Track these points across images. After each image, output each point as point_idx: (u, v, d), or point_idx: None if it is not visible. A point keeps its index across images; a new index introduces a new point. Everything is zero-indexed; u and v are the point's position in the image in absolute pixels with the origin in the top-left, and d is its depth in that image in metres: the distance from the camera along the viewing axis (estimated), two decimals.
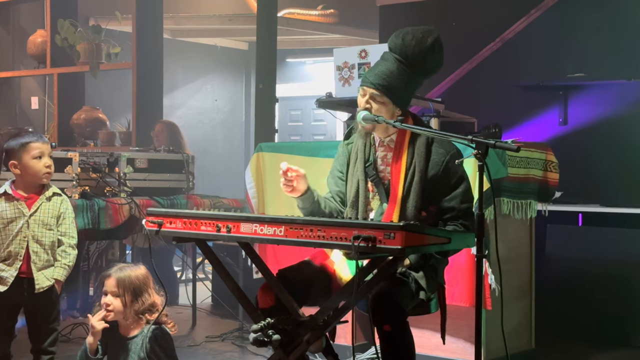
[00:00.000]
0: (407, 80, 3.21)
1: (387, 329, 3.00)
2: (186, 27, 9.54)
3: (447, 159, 3.18)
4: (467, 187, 3.22)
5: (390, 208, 3.20)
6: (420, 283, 3.15)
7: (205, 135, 10.14)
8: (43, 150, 3.92)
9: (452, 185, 3.18)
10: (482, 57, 6.27)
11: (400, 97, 3.23)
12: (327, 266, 3.27)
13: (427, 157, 3.20)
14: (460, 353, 4.25)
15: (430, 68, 3.25)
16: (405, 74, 3.19)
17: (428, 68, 3.24)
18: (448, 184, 3.18)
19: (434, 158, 3.20)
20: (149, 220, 3.14)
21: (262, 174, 4.85)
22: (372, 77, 3.21)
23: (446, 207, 3.18)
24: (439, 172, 3.18)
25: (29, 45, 7.50)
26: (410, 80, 3.23)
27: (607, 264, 5.32)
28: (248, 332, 3.63)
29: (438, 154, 3.20)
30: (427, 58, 3.20)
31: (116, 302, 3.69)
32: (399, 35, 3.23)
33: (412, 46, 3.17)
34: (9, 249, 3.88)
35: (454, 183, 3.18)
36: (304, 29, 9.08)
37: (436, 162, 3.19)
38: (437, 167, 3.19)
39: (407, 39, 3.19)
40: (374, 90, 3.20)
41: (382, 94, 3.19)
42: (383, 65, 3.22)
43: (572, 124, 5.98)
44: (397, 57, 3.21)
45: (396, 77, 3.18)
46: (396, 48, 3.22)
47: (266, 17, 6.50)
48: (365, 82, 3.23)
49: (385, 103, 3.20)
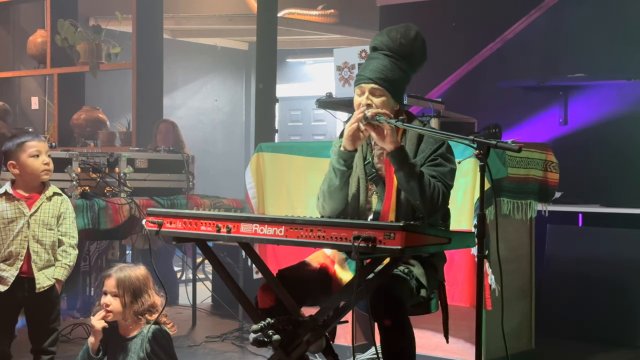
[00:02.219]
0: (400, 73, 3.24)
1: (387, 323, 3.00)
2: (186, 27, 9.54)
3: (436, 146, 3.21)
4: (450, 169, 3.22)
5: (386, 205, 3.21)
6: (421, 281, 3.15)
7: (205, 135, 10.14)
8: (40, 149, 3.92)
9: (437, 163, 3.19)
10: (482, 57, 6.27)
11: (397, 90, 3.25)
12: (327, 266, 3.27)
13: (417, 147, 3.23)
14: (460, 353, 4.25)
15: (418, 60, 3.30)
16: (396, 67, 3.23)
17: (416, 59, 3.29)
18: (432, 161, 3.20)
19: (422, 146, 3.23)
20: (149, 220, 3.14)
21: (262, 174, 4.85)
22: (368, 73, 3.22)
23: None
24: (426, 157, 3.20)
25: (29, 45, 7.50)
26: (403, 73, 3.26)
27: (607, 264, 5.32)
28: (248, 332, 3.63)
29: (427, 142, 3.23)
30: (415, 48, 3.25)
31: (115, 303, 3.69)
32: (382, 33, 3.29)
33: (398, 39, 3.23)
34: (10, 249, 3.88)
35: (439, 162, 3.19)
36: (304, 29, 9.08)
37: (423, 149, 3.22)
38: (423, 153, 3.22)
39: (391, 34, 3.25)
40: (373, 84, 3.20)
41: (382, 87, 3.20)
42: (375, 62, 3.25)
43: (572, 124, 5.98)
44: (386, 53, 3.24)
45: (390, 70, 3.21)
46: (382, 45, 3.26)
47: (266, 17, 6.50)
48: (361, 80, 3.24)
49: (385, 98, 3.22)
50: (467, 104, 6.07)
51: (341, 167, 3.21)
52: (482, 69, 6.28)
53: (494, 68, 6.25)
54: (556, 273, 5.48)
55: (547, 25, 6.12)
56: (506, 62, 6.25)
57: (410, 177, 3.08)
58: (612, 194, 5.65)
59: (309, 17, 9.13)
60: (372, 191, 3.30)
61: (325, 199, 3.27)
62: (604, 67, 5.83)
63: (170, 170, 5.50)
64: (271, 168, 4.81)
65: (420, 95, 4.56)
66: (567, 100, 6.00)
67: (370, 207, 3.29)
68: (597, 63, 5.87)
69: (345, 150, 3.20)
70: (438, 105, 4.53)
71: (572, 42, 6.02)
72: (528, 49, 6.21)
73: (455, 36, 6.44)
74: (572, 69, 5.91)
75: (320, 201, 3.31)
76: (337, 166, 3.22)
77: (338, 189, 3.23)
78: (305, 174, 4.66)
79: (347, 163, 3.22)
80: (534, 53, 6.21)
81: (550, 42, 6.14)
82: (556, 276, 5.47)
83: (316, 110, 9.09)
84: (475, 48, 6.30)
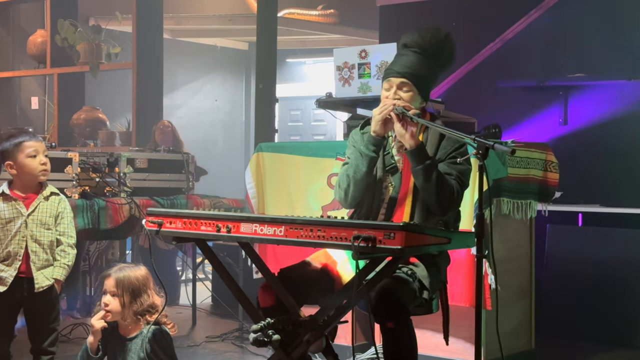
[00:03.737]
0: (429, 70, 3.29)
1: (390, 326, 3.01)
2: (186, 27, 9.55)
3: (458, 145, 3.27)
4: (467, 169, 3.27)
5: (402, 197, 3.25)
6: (424, 283, 3.15)
7: (205, 135, 10.14)
8: (37, 149, 3.92)
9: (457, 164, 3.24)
10: (482, 57, 6.27)
11: (424, 86, 3.30)
12: (330, 267, 3.27)
13: (437, 147, 3.28)
14: (460, 353, 4.25)
15: (446, 59, 3.34)
16: (425, 64, 3.27)
17: (445, 59, 3.33)
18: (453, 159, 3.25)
19: (444, 143, 3.28)
20: (149, 220, 3.13)
21: (262, 174, 4.85)
22: (398, 67, 3.27)
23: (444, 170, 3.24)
24: (447, 153, 3.26)
25: (29, 45, 7.50)
26: (431, 70, 3.31)
27: (607, 264, 5.32)
28: (248, 332, 3.63)
29: (449, 140, 3.28)
30: (444, 47, 3.30)
31: (114, 302, 3.69)
32: (413, 31, 3.33)
33: (429, 37, 3.28)
34: (8, 249, 3.87)
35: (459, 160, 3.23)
36: (304, 29, 9.09)
37: (444, 145, 3.28)
38: (444, 149, 3.27)
39: (422, 32, 3.30)
40: (402, 78, 3.25)
41: (410, 81, 3.25)
42: (404, 58, 3.29)
43: (572, 124, 5.98)
44: (415, 50, 3.28)
45: (419, 66, 3.26)
46: (413, 42, 3.30)
47: (266, 17, 6.50)
48: (390, 73, 3.29)
49: (412, 93, 3.26)
50: (467, 104, 6.07)
51: (370, 152, 3.24)
52: (482, 69, 6.28)
53: (494, 68, 6.25)
54: (556, 273, 5.48)
55: (547, 25, 6.12)
56: (506, 62, 6.25)
57: (427, 175, 3.12)
58: (612, 193, 5.65)
59: (308, 17, 9.12)
60: (388, 182, 3.32)
61: (350, 185, 3.28)
62: (604, 67, 5.83)
63: (170, 170, 5.50)
64: (271, 168, 4.81)
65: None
66: (567, 100, 6.00)
67: (384, 199, 3.31)
68: (597, 63, 5.87)
69: (376, 136, 3.24)
70: (438, 105, 4.52)
71: (572, 42, 6.02)
72: (528, 49, 6.21)
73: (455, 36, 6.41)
74: (572, 69, 5.91)
75: (343, 187, 3.30)
76: (366, 152, 3.24)
77: (365, 176, 3.25)
78: (305, 174, 4.66)
79: (377, 149, 3.25)
80: (534, 53, 6.21)
81: (550, 42, 6.14)
82: (556, 276, 5.47)
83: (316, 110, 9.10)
84: (475, 48, 6.30)
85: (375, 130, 3.24)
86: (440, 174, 3.15)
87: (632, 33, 5.78)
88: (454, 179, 3.20)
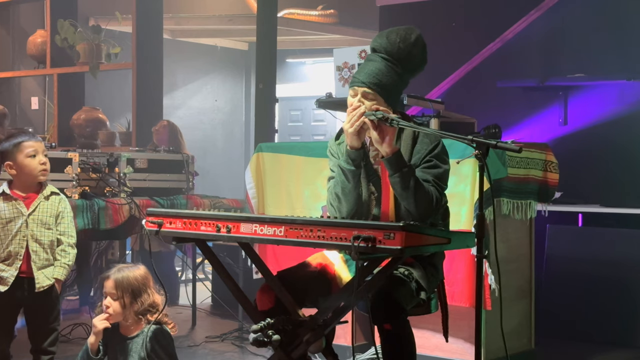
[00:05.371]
0: (396, 77, 3.21)
1: (387, 327, 3.00)
2: (186, 27, 9.55)
3: (431, 147, 3.19)
4: (444, 170, 3.20)
5: (385, 205, 3.20)
6: (421, 283, 3.14)
7: (205, 135, 10.14)
8: (37, 149, 3.92)
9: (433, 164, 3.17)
10: (482, 57, 6.27)
11: (391, 94, 3.22)
12: (327, 268, 3.26)
13: (412, 149, 3.20)
14: (460, 353, 4.25)
15: (416, 64, 3.25)
16: (393, 71, 3.19)
17: (414, 64, 3.24)
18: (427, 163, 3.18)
19: (417, 147, 3.20)
20: (149, 220, 3.13)
21: (262, 174, 4.85)
22: (362, 76, 3.20)
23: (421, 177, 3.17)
24: (421, 158, 3.18)
25: (29, 46, 7.50)
26: (399, 77, 3.22)
27: (607, 264, 5.32)
28: (248, 332, 3.63)
29: (422, 143, 3.20)
30: (413, 53, 3.21)
31: (115, 305, 3.69)
32: (382, 35, 3.25)
33: (397, 43, 3.19)
34: (9, 249, 3.88)
35: (434, 164, 3.17)
36: (304, 29, 9.08)
37: (418, 150, 3.20)
38: (418, 154, 3.19)
39: (391, 37, 3.21)
40: (366, 88, 3.18)
41: (374, 91, 3.17)
42: (371, 65, 3.22)
43: (572, 124, 5.98)
44: (383, 56, 3.21)
45: (385, 74, 3.18)
46: (381, 47, 3.22)
47: (266, 17, 6.50)
48: (355, 82, 3.22)
49: (377, 101, 3.19)
50: (467, 104, 6.07)
51: (350, 167, 3.16)
52: (482, 69, 6.28)
53: (494, 68, 6.25)
54: (556, 273, 5.48)
55: (547, 25, 6.12)
56: (506, 62, 6.25)
57: (404, 183, 3.06)
58: (612, 194, 5.65)
59: (308, 17, 9.12)
60: (370, 191, 3.28)
61: (340, 201, 3.21)
62: (604, 67, 5.83)
63: (170, 170, 5.50)
64: (271, 168, 4.81)
65: (420, 95, 4.55)
66: (567, 100, 6.00)
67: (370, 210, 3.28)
68: (597, 63, 5.87)
69: (352, 149, 3.16)
70: (438, 105, 4.53)
71: (572, 42, 6.02)
72: (528, 49, 6.21)
73: (455, 36, 6.44)
74: (572, 69, 5.91)
75: (335, 205, 3.24)
76: (346, 167, 3.17)
77: (352, 189, 3.18)
78: (305, 174, 4.66)
79: (356, 162, 3.17)
80: (534, 53, 6.21)
81: (550, 42, 6.14)
82: (556, 276, 5.47)
83: (316, 110, 9.09)
84: (475, 48, 6.30)
85: (350, 144, 3.16)
86: (419, 181, 3.08)
87: (632, 33, 5.78)
88: (432, 185, 3.13)
